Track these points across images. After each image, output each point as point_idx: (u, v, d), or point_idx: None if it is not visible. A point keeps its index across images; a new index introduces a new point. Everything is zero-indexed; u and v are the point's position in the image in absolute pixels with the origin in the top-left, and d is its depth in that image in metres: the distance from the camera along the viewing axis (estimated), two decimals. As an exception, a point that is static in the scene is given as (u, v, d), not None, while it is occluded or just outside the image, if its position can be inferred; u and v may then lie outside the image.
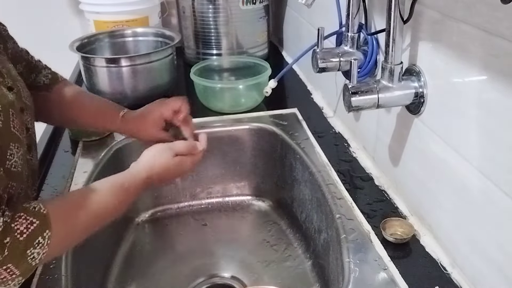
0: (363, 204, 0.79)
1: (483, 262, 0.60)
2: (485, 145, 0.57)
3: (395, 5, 0.65)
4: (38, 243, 0.55)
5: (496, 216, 0.56)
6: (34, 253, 0.54)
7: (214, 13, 1.35)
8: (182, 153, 0.75)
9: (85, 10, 1.42)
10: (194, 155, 0.77)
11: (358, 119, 0.95)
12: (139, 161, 0.73)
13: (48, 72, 0.86)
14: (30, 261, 0.55)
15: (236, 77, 1.24)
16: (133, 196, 0.69)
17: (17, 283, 0.56)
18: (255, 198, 1.13)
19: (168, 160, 0.73)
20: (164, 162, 0.73)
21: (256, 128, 1.07)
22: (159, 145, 0.75)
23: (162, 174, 0.72)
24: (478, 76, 0.57)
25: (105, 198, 0.65)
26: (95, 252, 0.85)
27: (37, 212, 0.56)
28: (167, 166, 0.73)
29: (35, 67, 0.85)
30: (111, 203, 0.65)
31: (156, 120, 0.82)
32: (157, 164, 0.72)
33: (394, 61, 0.68)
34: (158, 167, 0.72)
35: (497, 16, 0.52)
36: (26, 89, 0.72)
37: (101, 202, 0.64)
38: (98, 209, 0.64)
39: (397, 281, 0.64)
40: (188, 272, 0.94)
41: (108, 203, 0.65)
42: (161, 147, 0.74)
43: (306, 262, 0.93)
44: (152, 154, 0.73)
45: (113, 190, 0.66)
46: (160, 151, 0.74)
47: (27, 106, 0.70)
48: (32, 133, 0.72)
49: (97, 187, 0.66)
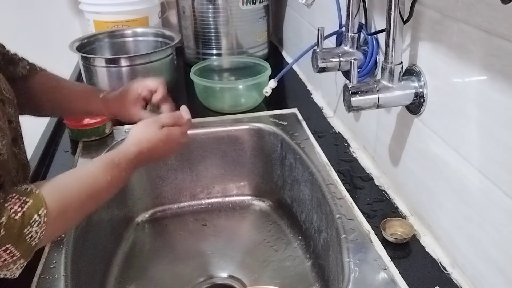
0: (363, 204, 0.79)
1: (483, 262, 0.60)
2: (485, 145, 0.57)
3: (395, 5, 0.65)
4: (35, 221, 0.54)
5: (496, 216, 0.56)
6: (32, 231, 0.54)
7: (214, 13, 1.35)
8: (168, 124, 0.76)
9: (85, 10, 1.42)
10: (181, 125, 0.78)
11: (358, 119, 0.95)
12: (127, 138, 0.73)
13: (25, 63, 0.86)
14: (29, 241, 0.54)
15: (236, 77, 1.24)
16: (125, 171, 0.69)
17: (20, 266, 0.56)
18: (255, 198, 1.13)
19: (155, 133, 0.73)
20: (151, 134, 0.73)
21: (256, 128, 1.07)
22: (144, 120, 0.76)
23: (151, 148, 0.73)
24: (478, 76, 0.57)
25: (96, 174, 0.65)
26: (95, 252, 0.85)
27: (29, 192, 0.56)
28: (155, 138, 0.73)
29: (12, 59, 0.85)
30: (103, 179, 0.65)
31: (135, 99, 0.84)
32: (145, 137, 0.73)
33: (394, 61, 0.68)
34: (147, 140, 0.72)
35: (497, 16, 0.52)
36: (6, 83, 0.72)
37: (93, 178, 0.65)
38: (91, 185, 0.64)
39: (397, 281, 0.64)
40: (188, 272, 0.94)
41: (100, 179, 0.65)
42: (147, 121, 0.76)
43: (306, 262, 0.93)
44: (138, 129, 0.74)
45: (104, 166, 0.67)
46: (146, 124, 0.75)
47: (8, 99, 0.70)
48: (16, 126, 0.72)
49: (88, 166, 0.67)
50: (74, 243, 0.74)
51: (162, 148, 0.75)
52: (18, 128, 0.73)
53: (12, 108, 0.71)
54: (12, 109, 0.71)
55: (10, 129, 0.68)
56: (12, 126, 0.70)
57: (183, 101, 1.23)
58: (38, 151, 0.96)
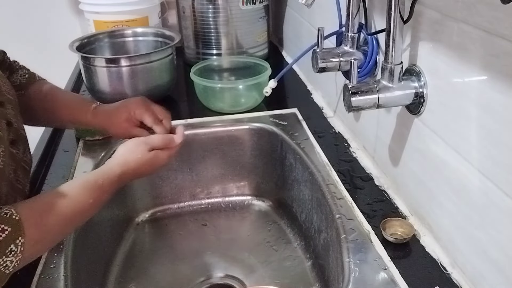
0: (363, 204, 0.79)
1: (483, 262, 0.60)
2: (485, 145, 0.57)
3: (395, 5, 0.65)
4: (11, 251, 0.53)
5: (496, 216, 0.56)
6: (7, 261, 0.53)
7: (214, 13, 1.35)
8: (158, 147, 0.74)
9: (85, 10, 1.42)
10: (170, 148, 0.76)
11: (358, 119, 0.95)
12: (113, 157, 0.72)
13: (25, 72, 0.85)
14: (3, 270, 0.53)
15: (236, 77, 1.24)
16: (108, 193, 0.68)
17: None
18: (255, 198, 1.13)
19: (143, 155, 0.72)
20: (139, 157, 0.72)
21: (256, 128, 1.07)
22: (134, 139, 0.74)
23: (137, 169, 0.72)
24: (478, 76, 0.57)
25: (78, 197, 0.64)
26: (95, 252, 0.85)
27: (9, 218, 0.54)
28: (141, 160, 0.72)
29: (9, 66, 0.84)
30: (85, 202, 0.64)
31: (131, 117, 0.81)
32: (132, 159, 0.71)
33: (394, 61, 0.68)
34: (133, 162, 0.71)
35: (497, 16, 0.52)
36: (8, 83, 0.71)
37: (74, 201, 0.63)
38: (72, 209, 0.62)
39: (397, 281, 0.64)
40: (188, 272, 0.94)
41: (82, 202, 0.64)
42: (136, 142, 0.74)
43: (306, 262, 0.93)
44: (127, 149, 0.73)
45: (86, 188, 0.65)
46: (135, 145, 0.73)
47: (8, 100, 0.69)
48: (18, 127, 0.71)
49: (70, 187, 0.64)
50: (74, 243, 0.74)
51: (146, 169, 0.73)
52: (19, 128, 0.72)
53: (13, 108, 0.71)
54: (13, 109, 0.70)
55: (10, 130, 0.68)
56: (12, 127, 0.69)
57: (183, 101, 1.24)
58: (38, 151, 0.97)
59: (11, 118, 0.69)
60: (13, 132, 0.69)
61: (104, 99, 1.14)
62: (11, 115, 0.69)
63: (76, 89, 1.29)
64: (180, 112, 1.17)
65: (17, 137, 0.70)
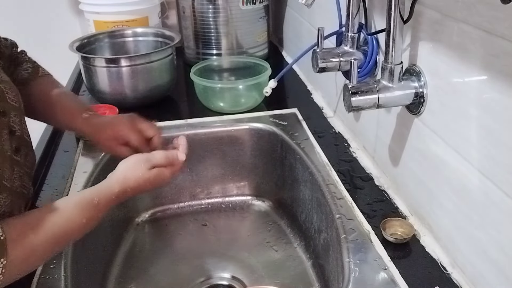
0: (363, 204, 0.79)
1: (483, 262, 0.60)
2: (485, 145, 0.57)
3: (395, 5, 0.65)
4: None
5: (496, 216, 0.56)
6: None
7: (214, 13, 1.34)
8: (160, 165, 0.71)
9: (85, 10, 1.42)
10: (173, 165, 0.73)
11: (358, 119, 0.95)
12: (114, 173, 0.69)
13: (29, 66, 0.83)
14: None
15: (236, 77, 1.24)
16: (103, 212, 0.65)
17: None
18: (255, 198, 1.12)
19: (143, 173, 0.69)
20: (139, 175, 0.68)
21: (256, 128, 1.07)
22: (136, 156, 0.71)
23: (136, 188, 0.68)
24: (478, 76, 0.57)
25: (70, 216, 0.61)
26: (95, 252, 0.85)
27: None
28: (142, 179, 0.68)
29: (16, 59, 0.83)
30: (77, 221, 0.61)
31: (119, 137, 0.78)
32: (132, 177, 0.68)
33: (394, 61, 0.68)
34: (133, 180, 0.68)
35: (497, 16, 0.52)
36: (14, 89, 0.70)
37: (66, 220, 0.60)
38: (62, 228, 0.60)
39: (397, 281, 0.64)
40: (188, 272, 0.94)
41: (74, 221, 0.61)
42: (138, 159, 0.70)
43: (306, 262, 0.93)
44: (127, 166, 0.69)
45: (80, 207, 0.62)
46: (136, 163, 0.69)
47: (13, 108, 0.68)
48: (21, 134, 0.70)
49: (63, 204, 0.62)
50: (74, 243, 0.73)
51: (147, 187, 0.70)
52: (23, 135, 0.71)
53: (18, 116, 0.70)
54: (17, 117, 0.69)
55: (13, 139, 0.67)
56: (15, 135, 0.68)
57: (183, 101, 1.24)
58: (38, 151, 0.96)
59: (15, 126, 0.68)
60: (16, 139, 0.68)
61: (104, 99, 1.14)
62: (14, 123, 0.68)
63: (76, 89, 1.29)
64: (180, 112, 1.17)
65: (20, 144, 0.70)
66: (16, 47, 0.84)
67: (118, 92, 1.13)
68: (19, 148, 0.69)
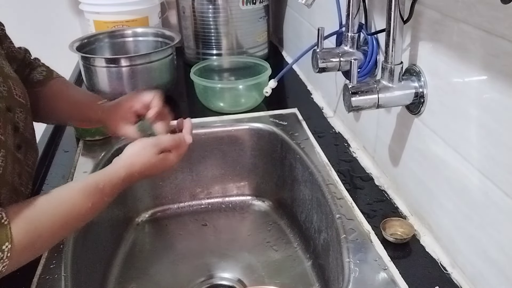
0: (363, 204, 0.79)
1: (483, 262, 0.60)
2: (485, 145, 0.57)
3: (395, 5, 0.65)
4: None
5: (496, 216, 0.56)
6: None
7: (214, 13, 1.35)
8: (167, 149, 0.71)
9: (85, 10, 1.42)
10: (179, 149, 0.73)
11: (358, 119, 0.95)
12: (120, 157, 0.69)
13: (43, 69, 0.85)
14: None
15: (236, 77, 1.24)
16: (109, 196, 0.65)
17: None
18: (255, 198, 1.12)
19: (151, 158, 0.69)
20: (146, 160, 0.68)
21: (256, 128, 1.07)
22: (143, 140, 0.71)
23: (142, 172, 0.68)
24: (478, 76, 0.57)
25: (75, 201, 0.61)
26: (95, 252, 0.85)
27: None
28: (149, 163, 0.69)
29: (29, 63, 0.84)
30: (83, 206, 0.61)
31: (126, 113, 0.78)
32: (139, 161, 0.68)
33: (394, 61, 0.68)
34: (139, 165, 0.68)
35: (497, 16, 0.52)
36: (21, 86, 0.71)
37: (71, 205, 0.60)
38: (67, 212, 0.60)
39: (397, 281, 0.64)
40: (188, 272, 0.94)
41: (79, 206, 0.61)
42: (145, 143, 0.70)
43: (306, 262, 0.93)
44: (134, 150, 0.69)
45: (85, 192, 0.62)
46: (144, 148, 0.69)
47: (20, 104, 0.69)
48: (25, 131, 0.71)
49: (68, 189, 0.62)
50: (74, 243, 0.74)
51: (153, 172, 0.70)
52: (26, 133, 0.71)
53: (24, 112, 0.70)
54: (23, 113, 0.70)
55: (16, 135, 0.67)
56: (18, 132, 0.69)
57: (183, 101, 1.24)
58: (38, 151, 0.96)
59: (19, 122, 0.69)
60: (18, 136, 0.68)
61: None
62: (19, 119, 0.68)
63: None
64: (180, 112, 1.17)
65: (22, 141, 0.70)
66: (29, 54, 0.86)
67: (118, 92, 1.13)
68: (20, 145, 0.69)
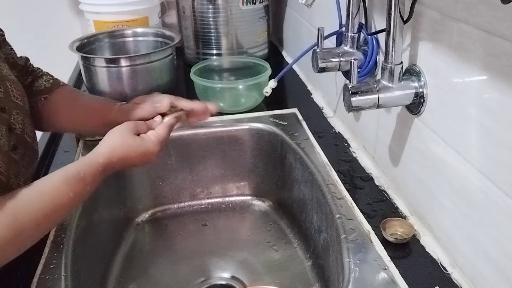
0: (363, 204, 0.79)
1: (483, 262, 0.60)
2: (485, 145, 0.57)
3: (395, 5, 0.65)
4: None
5: (496, 216, 0.56)
6: None
7: (214, 13, 1.34)
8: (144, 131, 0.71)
9: (85, 10, 1.42)
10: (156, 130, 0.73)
11: (358, 119, 0.95)
12: (100, 145, 0.68)
13: (49, 77, 0.86)
14: None
15: (236, 77, 1.24)
16: (91, 185, 0.64)
17: None
18: (255, 198, 1.12)
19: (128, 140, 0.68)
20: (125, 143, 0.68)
21: (256, 128, 1.07)
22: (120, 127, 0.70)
23: (123, 158, 0.67)
24: (478, 76, 0.57)
25: (56, 192, 0.60)
26: (95, 252, 0.85)
27: None
28: (128, 146, 0.68)
29: (32, 72, 0.85)
30: (64, 196, 0.60)
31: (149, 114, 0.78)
32: (117, 145, 0.67)
33: (394, 61, 0.68)
34: (119, 149, 0.67)
35: (497, 16, 0.52)
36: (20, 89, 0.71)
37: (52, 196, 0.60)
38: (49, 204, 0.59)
39: (397, 281, 0.64)
40: (188, 272, 0.94)
41: (61, 196, 0.60)
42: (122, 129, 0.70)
43: (306, 262, 0.93)
44: (113, 135, 0.69)
45: (66, 181, 0.61)
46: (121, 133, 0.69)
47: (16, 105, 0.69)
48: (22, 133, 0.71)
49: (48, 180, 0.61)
50: (74, 243, 0.74)
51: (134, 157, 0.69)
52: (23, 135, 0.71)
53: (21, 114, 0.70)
54: (20, 115, 0.70)
55: (11, 136, 0.68)
56: (14, 133, 0.69)
57: (183, 101, 1.24)
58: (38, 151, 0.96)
59: (15, 123, 0.69)
60: (14, 137, 0.69)
61: (104, 99, 1.14)
62: (15, 120, 0.68)
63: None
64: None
65: (19, 142, 0.70)
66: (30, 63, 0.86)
67: (118, 92, 1.13)
68: (16, 146, 0.69)
